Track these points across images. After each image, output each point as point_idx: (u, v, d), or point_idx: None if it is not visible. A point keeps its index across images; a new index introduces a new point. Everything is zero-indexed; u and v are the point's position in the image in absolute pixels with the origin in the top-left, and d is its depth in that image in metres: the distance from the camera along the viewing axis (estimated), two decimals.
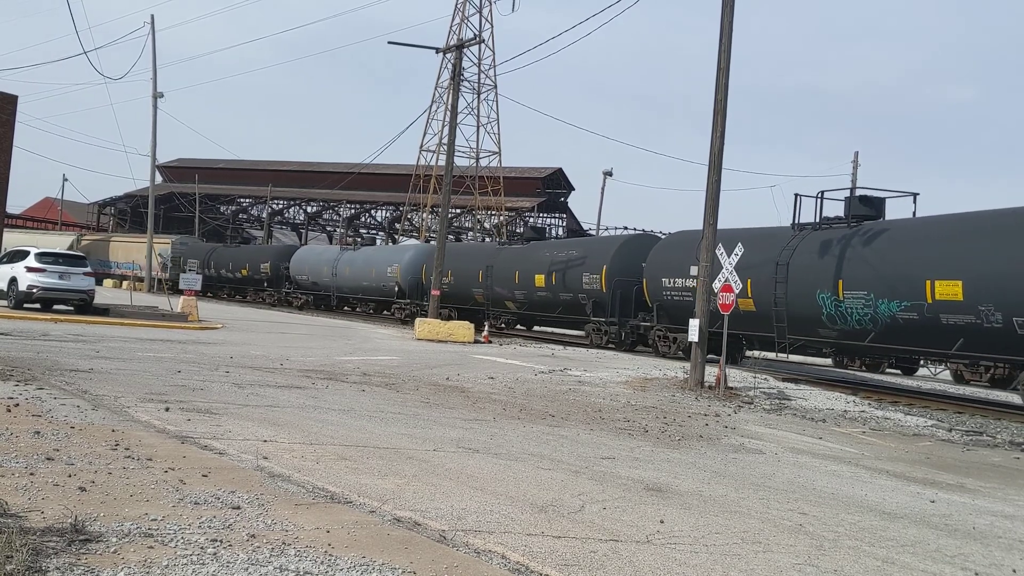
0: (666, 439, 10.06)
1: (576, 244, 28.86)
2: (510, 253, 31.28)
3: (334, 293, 41.61)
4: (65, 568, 3.98)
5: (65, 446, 6.62)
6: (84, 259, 24.78)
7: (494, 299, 31.17)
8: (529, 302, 29.40)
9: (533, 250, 30.18)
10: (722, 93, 16.23)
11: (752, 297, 20.01)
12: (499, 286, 30.51)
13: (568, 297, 27.09)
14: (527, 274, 29.02)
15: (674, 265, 22.81)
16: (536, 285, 28.43)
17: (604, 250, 26.61)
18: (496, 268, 30.82)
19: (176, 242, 56.18)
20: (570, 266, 27.14)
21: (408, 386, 13.16)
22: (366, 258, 39.29)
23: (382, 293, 37.86)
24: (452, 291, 32.68)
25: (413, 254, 36.86)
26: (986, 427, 13.65)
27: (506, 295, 30.37)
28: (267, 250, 52.76)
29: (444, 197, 29.67)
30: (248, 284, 49.44)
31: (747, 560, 5.22)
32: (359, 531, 5.05)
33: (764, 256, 19.75)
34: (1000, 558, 5.86)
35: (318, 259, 43.42)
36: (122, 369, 12.17)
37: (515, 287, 29.73)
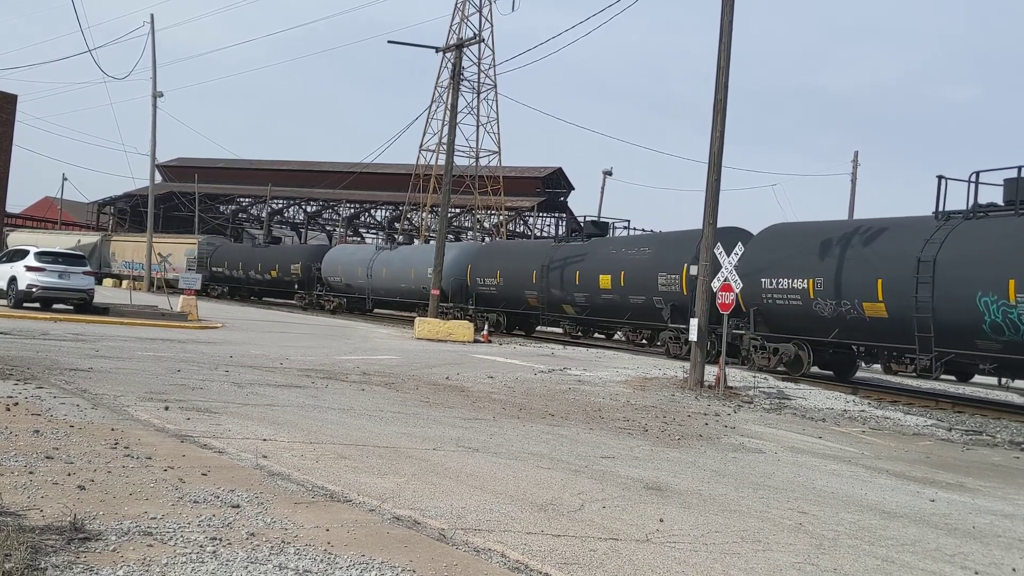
0: (666, 438, 10.06)
1: (648, 240, 25.50)
2: (569, 251, 28.27)
3: (369, 296, 38.90)
4: (64, 566, 3.98)
5: (64, 445, 6.62)
6: (83, 258, 24.76)
7: (550, 302, 28.44)
8: (592, 306, 26.54)
9: (596, 247, 27.21)
10: (722, 92, 16.23)
11: (884, 301, 16.76)
12: (556, 288, 27.72)
13: (640, 301, 24.04)
14: (590, 274, 26.21)
15: (777, 263, 19.55)
16: (600, 287, 25.57)
17: (684, 246, 23.10)
18: (552, 268, 28.10)
19: (203, 242, 53.45)
20: (642, 265, 24.05)
21: (408, 385, 13.15)
22: (404, 258, 36.42)
23: (422, 296, 34.41)
24: (501, 293, 30.70)
25: (457, 253, 34.03)
26: (986, 426, 13.66)
27: (564, 298, 27.58)
28: (298, 250, 50.32)
29: (444, 197, 29.67)
30: (277, 286, 46.69)
31: (747, 559, 5.22)
32: (358, 530, 5.04)
33: (897, 250, 16.74)
34: (1000, 557, 5.86)
35: (351, 259, 40.80)
36: (121, 368, 12.17)
37: (575, 289, 26.94)
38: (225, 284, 49.98)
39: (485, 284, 31.52)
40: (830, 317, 17.14)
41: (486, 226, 61.33)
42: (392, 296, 37.52)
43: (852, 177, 42.41)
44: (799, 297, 18.53)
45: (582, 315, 27.40)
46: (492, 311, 31.50)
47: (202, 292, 50.37)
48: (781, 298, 19.27)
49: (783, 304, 19.21)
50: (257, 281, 47.77)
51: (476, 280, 31.90)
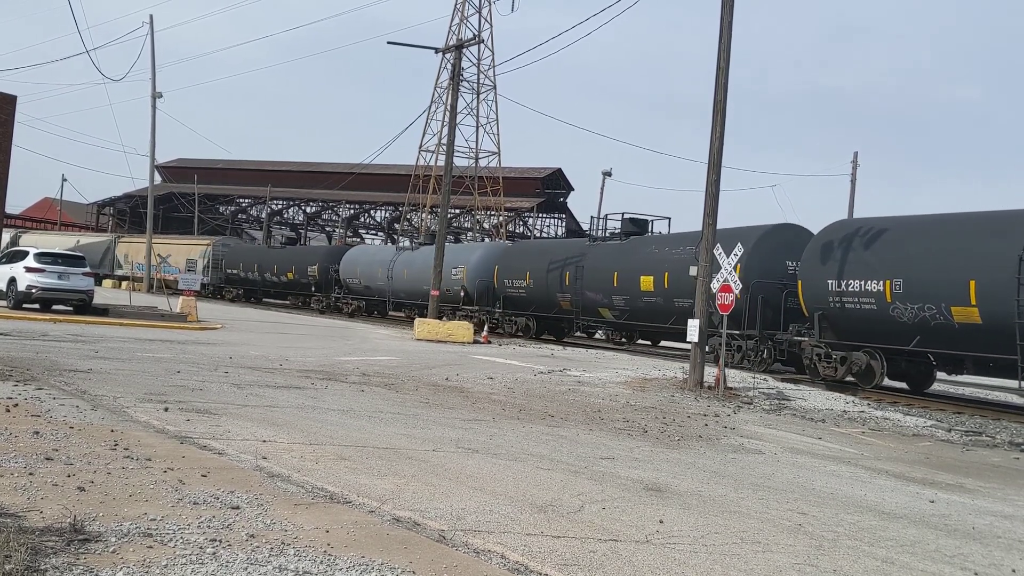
0: (665, 439, 10.06)
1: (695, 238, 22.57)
2: (605, 251, 26.30)
3: (389, 298, 37.37)
4: (64, 568, 3.98)
5: (64, 446, 6.62)
6: (83, 259, 24.74)
7: (585, 306, 26.58)
8: (632, 310, 24.59)
9: (636, 247, 25.20)
10: (721, 92, 16.23)
11: (977, 305, 14.99)
12: (591, 290, 25.88)
13: (686, 304, 21.55)
14: (630, 276, 24.36)
15: (846, 263, 17.73)
16: (642, 289, 23.70)
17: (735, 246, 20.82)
18: (588, 269, 26.27)
19: (217, 243, 52.23)
20: (687, 264, 21.95)
21: (407, 386, 13.15)
22: (426, 258, 34.11)
23: (445, 299, 32.85)
24: (530, 296, 29.01)
25: (482, 254, 32.67)
26: (985, 427, 13.65)
27: (601, 301, 25.77)
28: (315, 251, 48.76)
29: (444, 197, 29.66)
30: (294, 289, 45.24)
31: (746, 560, 5.22)
32: (358, 531, 5.04)
33: (994, 248, 15.02)
34: (1000, 558, 5.86)
35: (371, 260, 39.24)
36: (121, 369, 12.16)
37: (613, 291, 25.13)
38: (240, 286, 49.04)
39: (513, 286, 29.86)
40: (910, 323, 15.70)
41: (486, 227, 61.33)
42: (414, 299, 35.79)
43: (851, 177, 42.46)
44: (873, 301, 16.82)
45: (621, 319, 25.51)
46: (521, 315, 29.83)
47: (216, 295, 49.10)
48: (852, 301, 17.45)
49: (854, 308, 17.43)
50: (273, 283, 46.47)
51: (504, 282, 30.31)
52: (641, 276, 23.76)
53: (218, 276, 50.05)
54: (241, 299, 48.44)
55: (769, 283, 20.22)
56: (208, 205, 72.20)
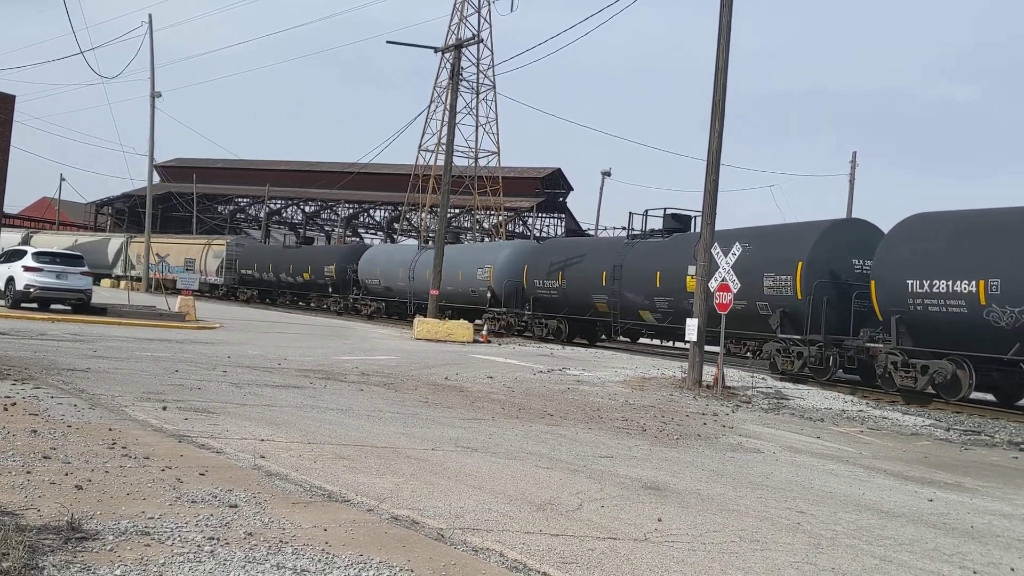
0: (664, 438, 10.06)
1: (749, 235, 20.81)
2: (646, 249, 24.60)
3: (411, 300, 35.36)
4: (62, 566, 3.97)
5: (62, 445, 6.61)
6: (81, 258, 24.72)
7: (624, 308, 24.94)
8: (677, 312, 22.51)
9: (680, 244, 23.16)
10: (720, 92, 16.24)
11: None
12: (631, 291, 24.19)
13: (738, 307, 19.46)
14: (674, 276, 22.57)
15: (929, 260, 15.92)
16: (688, 290, 21.54)
17: (794, 242, 19.69)
18: (627, 268, 24.65)
19: (232, 243, 50.39)
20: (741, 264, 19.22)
21: (407, 385, 13.15)
22: (450, 258, 32.25)
23: (470, 300, 31.75)
24: (563, 298, 27.47)
25: (511, 252, 30.90)
26: (984, 426, 13.66)
27: (641, 303, 24.11)
28: (332, 251, 46.61)
29: (443, 197, 29.65)
30: (310, 290, 43.56)
31: (745, 558, 5.22)
32: (357, 529, 5.04)
33: None
34: (998, 557, 5.86)
35: (391, 260, 37.42)
36: (119, 368, 12.15)
37: (655, 292, 23.45)
38: (255, 287, 47.64)
39: (544, 287, 28.31)
40: (1008, 328, 14.24)
41: (485, 227, 61.34)
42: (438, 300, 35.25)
43: (850, 177, 42.49)
44: (963, 303, 15.12)
45: (664, 323, 23.71)
46: (552, 317, 28.28)
47: (230, 296, 47.71)
48: (936, 304, 15.66)
49: (939, 311, 15.64)
50: (289, 284, 44.84)
51: (534, 283, 28.73)
52: (687, 277, 21.63)
53: (232, 277, 48.50)
54: (256, 300, 47.11)
55: (834, 284, 18.57)
56: (207, 205, 72.18)
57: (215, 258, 49.12)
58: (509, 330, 29.56)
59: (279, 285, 45.67)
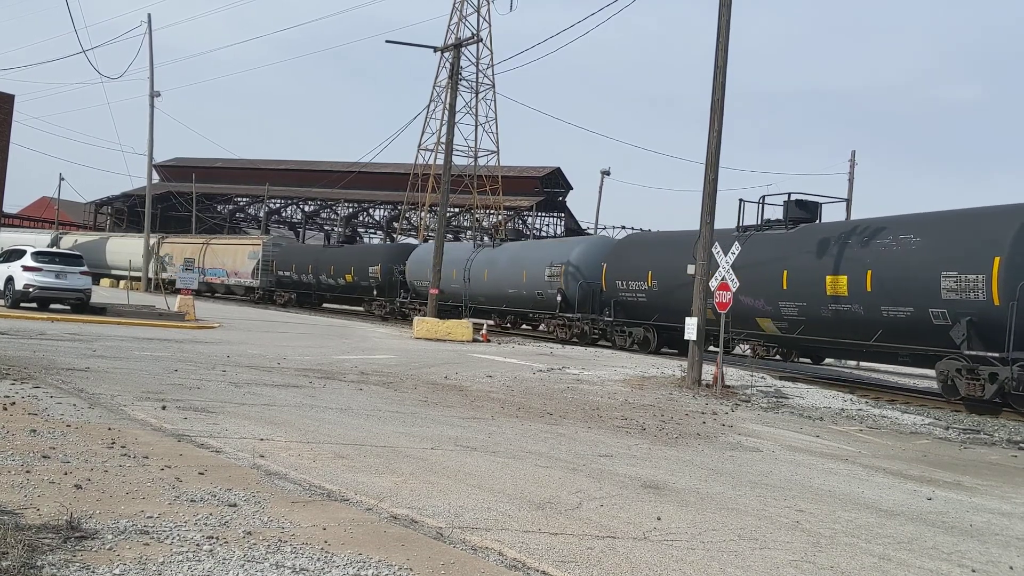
0: (663, 437, 10.06)
1: (917, 224, 17.10)
2: (765, 243, 20.27)
3: (466, 303, 32.39)
4: (61, 565, 3.97)
5: (61, 444, 6.61)
6: (80, 258, 24.70)
7: (736, 314, 20.20)
8: (809, 320, 18.84)
9: (811, 237, 19.33)
10: (719, 91, 16.22)
11: None
12: (746, 294, 19.88)
13: (902, 314, 16.45)
14: (806, 275, 18.72)
15: None
16: (828, 293, 18.10)
17: (986, 232, 15.79)
18: (740, 267, 19.64)
19: (268, 243, 47.14)
20: (907, 260, 16.66)
21: (406, 385, 13.15)
22: (512, 257, 29.79)
23: (536, 304, 28.61)
24: (652, 301, 23.70)
25: (585, 249, 27.50)
26: (983, 425, 13.66)
27: (760, 309, 20.13)
28: (377, 251, 43.67)
29: (443, 196, 29.63)
30: (353, 292, 40.53)
31: (744, 557, 5.22)
32: (356, 528, 5.04)
33: None
34: (997, 555, 5.87)
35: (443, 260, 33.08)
36: (119, 368, 12.15)
37: (779, 296, 19.44)
38: (293, 290, 44.68)
39: (629, 289, 24.60)
40: None
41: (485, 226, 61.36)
42: (496, 304, 31.34)
43: (849, 177, 42.42)
44: None
45: (792, 332, 19.59)
46: (637, 325, 24.60)
47: (267, 299, 45.04)
48: None
49: None
50: (329, 287, 41.80)
51: (615, 284, 25.23)
52: (827, 276, 18.22)
53: (268, 279, 45.43)
54: (294, 304, 44.16)
55: None
56: (206, 204, 72.14)
57: (250, 259, 46.11)
58: (583, 338, 26.45)
59: (319, 287, 42.73)
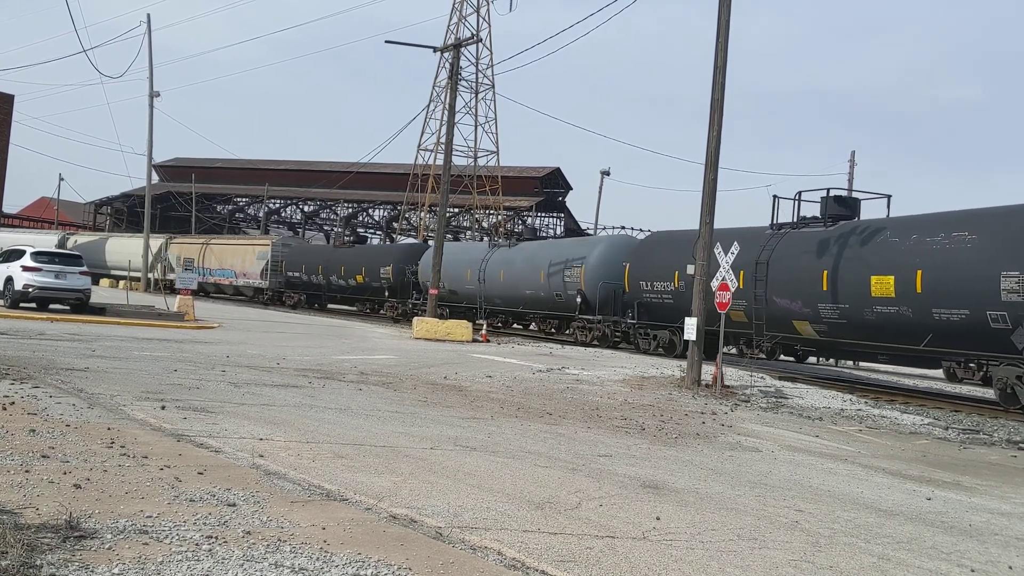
0: (663, 437, 10.06)
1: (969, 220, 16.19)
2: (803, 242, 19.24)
3: (481, 305, 31.58)
4: (60, 564, 3.97)
5: (60, 444, 6.61)
6: (80, 258, 24.70)
7: (770, 317, 19.54)
8: (852, 323, 17.69)
9: (853, 235, 18.08)
10: (719, 91, 16.23)
11: None
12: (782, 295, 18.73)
13: (956, 317, 15.67)
14: (851, 276, 17.60)
15: None
16: (873, 294, 17.00)
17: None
18: (775, 266, 19.45)
19: (277, 243, 46.44)
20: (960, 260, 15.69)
21: (406, 385, 13.15)
22: (529, 257, 29.03)
23: (555, 306, 27.86)
24: (679, 303, 21.56)
25: (606, 249, 26.55)
26: (983, 425, 13.67)
27: (797, 311, 18.96)
28: (389, 251, 42.42)
29: (442, 196, 29.63)
30: (364, 293, 39.75)
31: (743, 557, 5.22)
32: (355, 528, 5.04)
33: None
34: (996, 555, 5.87)
35: (457, 260, 33.31)
36: (118, 368, 12.15)
37: (819, 298, 18.25)
38: (302, 291, 43.93)
39: (653, 290, 23.30)
40: None
41: (484, 226, 61.36)
42: (513, 305, 30.45)
43: (849, 177, 42.42)
44: None
45: (832, 336, 18.59)
46: (663, 327, 23.25)
47: (276, 301, 44.59)
48: None
49: None
50: (340, 288, 41.15)
51: (639, 284, 24.12)
52: (872, 276, 17.18)
53: (278, 280, 44.71)
54: (303, 305, 43.51)
55: None
56: (206, 204, 72.13)
57: (259, 260, 45.38)
58: (604, 341, 25.48)
59: (329, 288, 42.08)
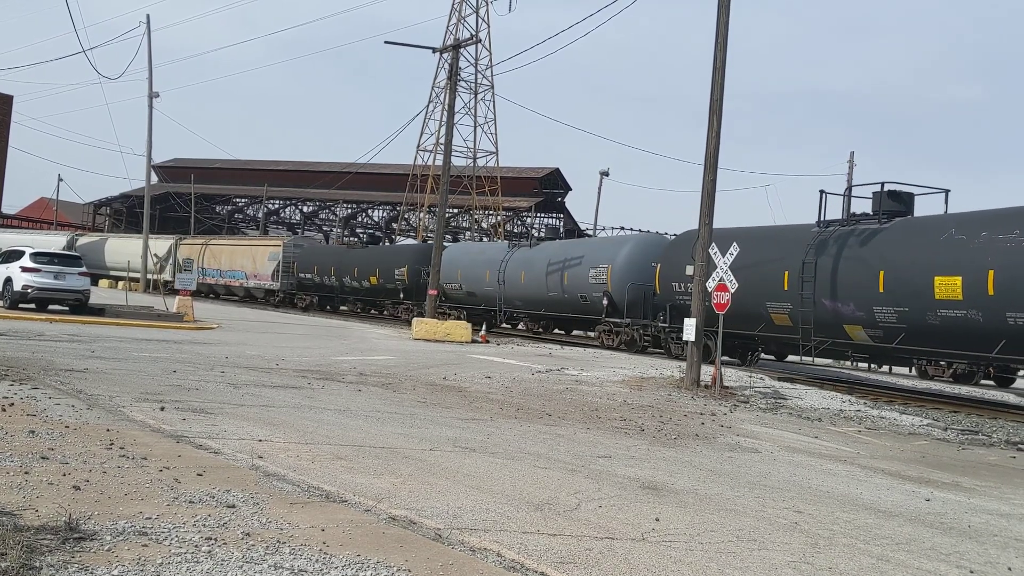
0: (662, 438, 10.07)
1: None
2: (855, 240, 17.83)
3: (500, 308, 30.72)
4: (59, 566, 3.97)
5: (60, 445, 6.61)
6: (79, 259, 24.70)
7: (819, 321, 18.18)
8: (912, 328, 16.43)
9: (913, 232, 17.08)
10: (718, 92, 16.23)
11: None
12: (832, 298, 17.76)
13: None
14: (911, 276, 16.32)
15: None
16: (937, 296, 15.80)
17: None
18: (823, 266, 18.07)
19: (289, 244, 45.66)
20: None
21: (405, 386, 13.15)
22: (552, 257, 28.03)
23: (579, 309, 26.71)
24: None
25: (633, 249, 25.21)
26: (982, 426, 13.67)
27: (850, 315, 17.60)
28: (404, 251, 40.84)
29: (442, 197, 29.64)
30: (378, 295, 38.81)
31: (742, 558, 5.22)
32: (354, 530, 5.04)
33: None
34: (995, 556, 5.87)
35: (476, 260, 32.47)
36: (117, 369, 12.15)
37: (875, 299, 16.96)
38: (314, 293, 43.17)
39: (688, 292, 20.38)
40: None
41: (484, 226, 61.35)
42: (534, 308, 29.50)
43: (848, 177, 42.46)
44: None
45: (889, 341, 17.00)
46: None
47: (287, 303, 43.93)
48: None
49: None
50: (353, 289, 40.28)
51: (671, 286, 22.79)
52: (936, 277, 15.88)
53: (289, 281, 43.89)
54: (315, 308, 42.57)
55: None
56: (205, 205, 72.12)
57: (270, 260, 44.69)
58: (632, 346, 24.22)
59: (342, 290, 41.19)
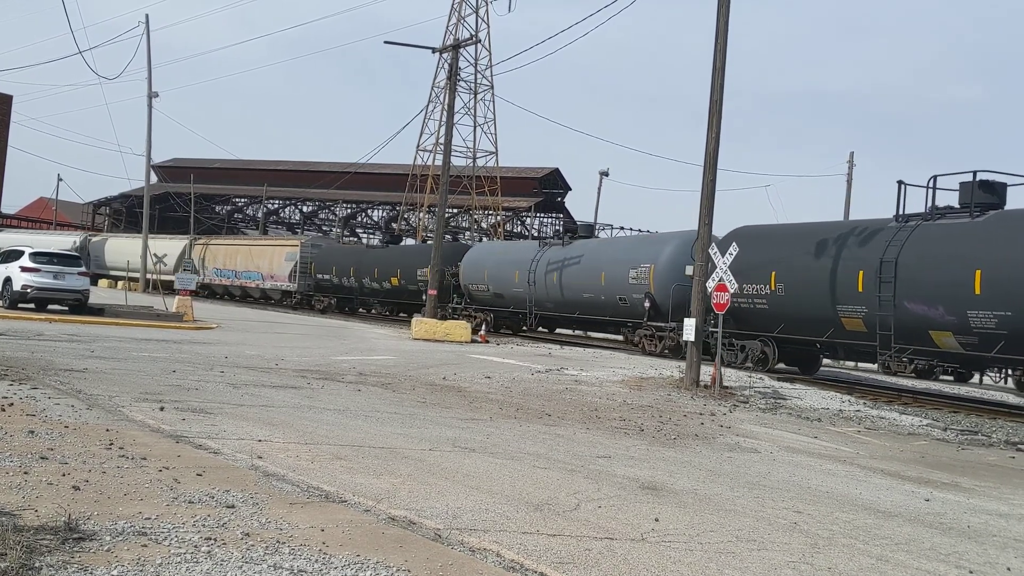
0: (662, 438, 10.07)
1: None
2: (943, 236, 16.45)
3: (531, 310, 29.05)
4: (59, 566, 3.97)
5: (59, 445, 6.61)
6: (79, 259, 24.71)
7: (899, 326, 16.67)
8: (1012, 332, 15.06)
9: (1009, 225, 15.66)
10: (718, 92, 16.23)
11: None
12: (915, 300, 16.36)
13: None
14: (1008, 276, 15.01)
15: None
16: None
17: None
18: (905, 264, 16.56)
19: (307, 244, 44.50)
20: None
21: (404, 386, 13.15)
22: (587, 256, 26.60)
23: (618, 311, 25.16)
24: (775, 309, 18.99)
25: (678, 247, 23.34)
26: (981, 426, 13.68)
27: (938, 319, 16.15)
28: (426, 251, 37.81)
29: (441, 197, 29.63)
30: (399, 297, 37.23)
31: (742, 558, 5.22)
32: (354, 530, 5.04)
33: None
34: (995, 556, 5.87)
35: (503, 260, 30.84)
36: (117, 369, 12.14)
37: (970, 303, 15.55)
38: (333, 294, 41.62)
39: (743, 294, 19.59)
40: None
41: (483, 226, 61.36)
42: (568, 311, 27.67)
43: (847, 178, 42.44)
44: None
45: (985, 350, 15.59)
46: (753, 337, 19.94)
47: (305, 304, 43.08)
48: None
49: None
50: (373, 291, 38.72)
51: None
52: None
53: (307, 283, 42.81)
54: (333, 310, 41.22)
55: None
56: (204, 205, 72.07)
57: (287, 261, 43.77)
58: (676, 353, 22.33)
59: (361, 292, 39.63)
